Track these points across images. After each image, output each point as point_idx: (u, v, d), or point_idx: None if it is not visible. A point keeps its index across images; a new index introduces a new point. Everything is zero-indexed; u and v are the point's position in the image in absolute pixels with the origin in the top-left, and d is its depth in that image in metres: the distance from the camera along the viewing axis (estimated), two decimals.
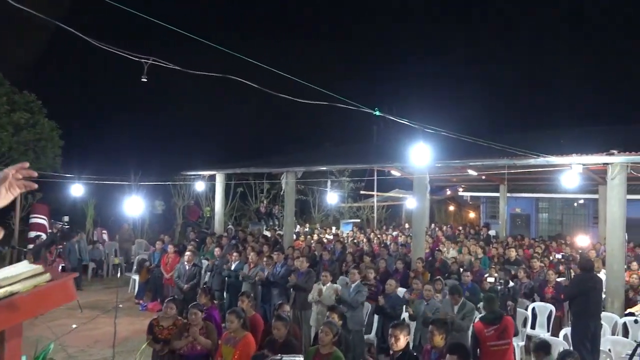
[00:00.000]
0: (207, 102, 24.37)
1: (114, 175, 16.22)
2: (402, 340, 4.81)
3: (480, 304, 8.89)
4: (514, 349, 6.39)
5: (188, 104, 24.27)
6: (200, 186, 18.05)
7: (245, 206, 22.07)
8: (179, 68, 4.54)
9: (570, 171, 9.53)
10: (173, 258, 11.65)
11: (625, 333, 8.66)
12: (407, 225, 21.33)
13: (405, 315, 8.18)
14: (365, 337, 8.62)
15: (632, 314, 7.51)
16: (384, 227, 22.83)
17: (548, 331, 9.15)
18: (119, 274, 15.21)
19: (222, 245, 12.75)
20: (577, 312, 6.87)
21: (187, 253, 10.43)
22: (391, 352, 4.86)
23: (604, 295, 9.00)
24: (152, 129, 24.49)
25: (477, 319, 6.03)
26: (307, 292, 8.79)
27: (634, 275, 9.84)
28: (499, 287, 6.73)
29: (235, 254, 10.69)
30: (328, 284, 8.52)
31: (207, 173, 17.45)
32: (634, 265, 11.66)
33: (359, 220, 23.90)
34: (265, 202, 21.15)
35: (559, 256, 10.49)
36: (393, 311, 7.67)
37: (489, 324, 5.80)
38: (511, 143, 11.51)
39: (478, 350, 5.87)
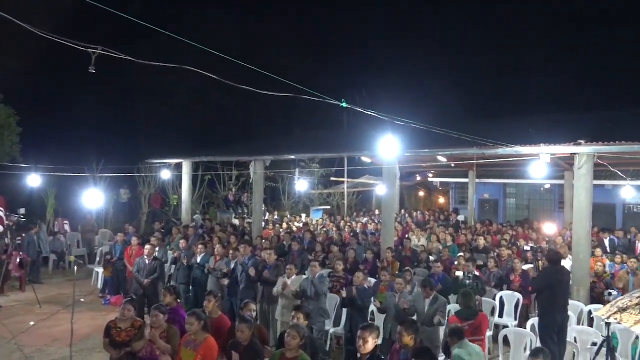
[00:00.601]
0: (171, 89, 23.68)
1: (76, 164, 15.60)
2: (371, 343, 4.66)
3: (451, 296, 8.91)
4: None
5: (153, 91, 23.52)
6: (166, 174, 17.57)
7: (214, 194, 21.66)
8: (129, 58, 4.22)
9: (539, 160, 9.51)
10: (137, 250, 11.29)
11: (591, 321, 8.79)
12: (377, 212, 21.30)
13: (373, 308, 8.08)
14: (333, 330, 8.52)
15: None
16: (355, 214, 22.77)
17: (516, 319, 9.21)
18: (75, 268, 14.66)
19: (188, 236, 12.43)
20: (544, 305, 6.87)
21: (147, 247, 10.08)
22: (359, 354, 4.71)
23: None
24: (116, 116, 23.68)
25: (452, 314, 5.94)
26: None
27: (599, 263, 9.97)
28: (467, 282, 6.66)
29: (200, 246, 10.38)
30: (293, 277, 8.34)
31: (173, 161, 16.99)
32: (598, 251, 11.84)
33: (329, 207, 23.77)
34: (234, 189, 20.77)
35: (527, 248, 10.54)
36: (362, 303, 7.53)
37: (464, 320, 5.73)
38: (481, 131, 11.45)
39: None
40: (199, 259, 10.14)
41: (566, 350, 6.83)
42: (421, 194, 29.05)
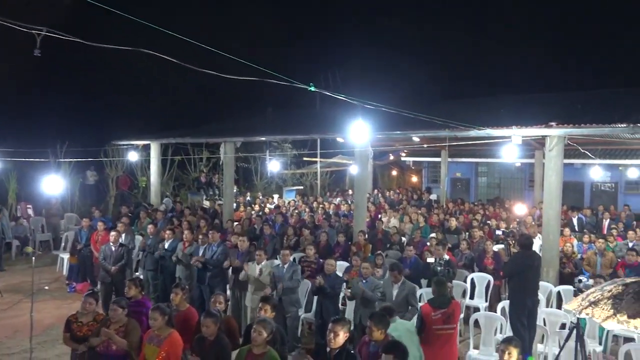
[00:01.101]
0: (138, 69, 22.89)
1: (38, 146, 15.02)
2: (342, 337, 4.55)
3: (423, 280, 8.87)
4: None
5: (119, 72, 22.72)
6: (133, 157, 17.09)
7: (184, 175, 21.22)
8: (77, 40, 3.91)
9: (510, 142, 9.48)
10: (103, 235, 10.94)
11: (560, 302, 8.90)
12: (350, 192, 21.23)
13: (343, 294, 7.99)
14: (304, 316, 8.41)
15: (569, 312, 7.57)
16: (328, 194, 22.66)
17: (486, 301, 9.27)
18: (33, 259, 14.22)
19: (156, 221, 12.10)
20: (514, 289, 6.88)
21: (113, 233, 9.75)
22: (328, 348, 4.59)
23: None
24: (80, 98, 22.83)
25: (424, 301, 5.87)
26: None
27: (568, 244, 10.09)
28: (438, 268, 6.60)
29: (168, 232, 10.09)
30: (263, 263, 8.16)
31: (140, 142, 16.52)
32: (567, 231, 11.98)
33: (302, 187, 23.58)
34: (205, 170, 20.36)
35: (499, 232, 10.59)
36: (332, 291, 7.43)
37: (436, 308, 5.65)
38: (454, 111, 11.36)
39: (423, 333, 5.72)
40: (166, 245, 9.87)
41: (536, 333, 6.86)
42: (394, 173, 29.09)
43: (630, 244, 10.74)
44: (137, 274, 10.97)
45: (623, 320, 3.27)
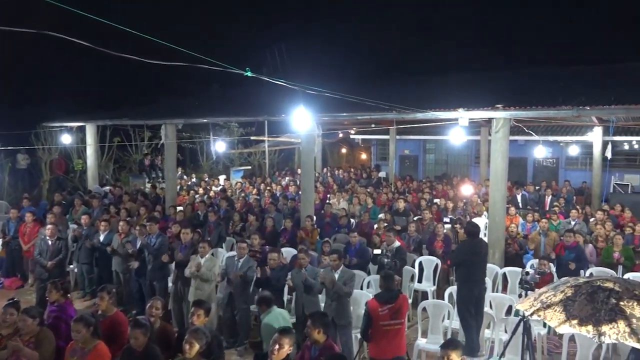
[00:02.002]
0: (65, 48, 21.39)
1: None
2: (286, 349, 4.25)
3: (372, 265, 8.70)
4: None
5: (49, 49, 21.18)
6: (66, 139, 16.05)
7: (125, 157, 20.24)
8: None
9: (457, 124, 9.37)
10: (32, 227, 10.21)
11: (505, 283, 8.96)
12: (299, 171, 20.90)
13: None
14: (252, 307, 8.08)
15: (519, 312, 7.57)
16: (277, 173, 22.24)
17: (434, 284, 9.24)
18: None
19: (90, 212, 11.37)
20: (462, 278, 6.79)
21: (49, 226, 9.06)
22: (269, 358, 4.27)
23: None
24: (5, 77, 21.19)
25: (371, 297, 5.64)
26: None
27: (512, 225, 10.16)
28: (385, 261, 6.38)
29: (103, 223, 9.48)
30: (207, 256, 7.74)
31: (74, 124, 15.52)
32: (512, 210, 12.13)
33: (250, 167, 23.04)
34: (147, 152, 19.45)
35: (446, 220, 10.56)
36: (277, 283, 7.12)
37: (383, 303, 5.43)
38: (402, 91, 11.18)
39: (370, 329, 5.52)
40: (101, 238, 9.26)
41: (483, 320, 6.82)
42: (344, 150, 28.95)
43: (573, 222, 10.97)
44: (71, 266, 10.33)
45: (575, 324, 3.12)
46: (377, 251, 7.08)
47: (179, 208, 12.81)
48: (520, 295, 6.12)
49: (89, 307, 8.90)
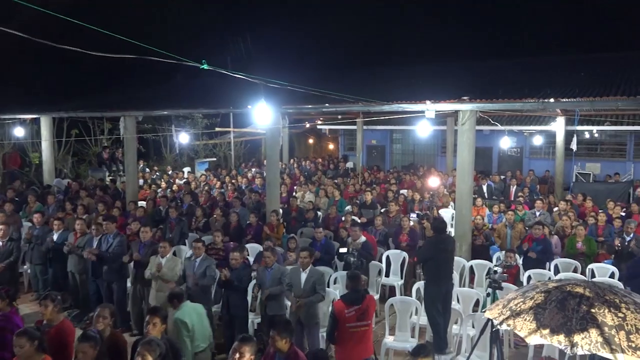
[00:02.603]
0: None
1: None
2: (247, 357, 4.03)
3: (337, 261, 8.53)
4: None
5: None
6: (20, 132, 15.33)
7: (84, 150, 19.50)
8: None
9: (424, 116, 9.23)
10: None
11: (472, 276, 8.94)
12: (266, 162, 20.57)
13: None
14: (215, 309, 7.81)
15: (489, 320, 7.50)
16: (243, 165, 21.86)
17: (402, 278, 9.15)
18: None
19: (45, 209, 10.85)
20: (429, 275, 6.68)
21: (1, 227, 8.56)
22: None
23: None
24: None
25: (337, 298, 5.45)
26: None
27: (479, 216, 10.14)
28: (352, 260, 6.20)
29: (57, 222, 9.01)
30: (169, 255, 7.42)
31: (28, 116, 14.80)
32: (479, 201, 12.15)
33: (215, 159, 22.57)
34: (106, 143, 18.78)
35: (414, 216, 10.46)
36: (240, 284, 6.86)
37: (350, 304, 5.25)
38: (368, 81, 10.97)
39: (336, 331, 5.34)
40: (55, 237, 8.81)
41: (450, 316, 6.74)
42: (311, 141, 28.70)
43: (537, 213, 11.05)
44: (24, 267, 9.85)
45: (546, 334, 2.99)
46: (342, 250, 6.88)
47: (141, 203, 12.40)
48: (488, 295, 6.02)
49: None
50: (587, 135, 19.59)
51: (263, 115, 6.66)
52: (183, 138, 19.49)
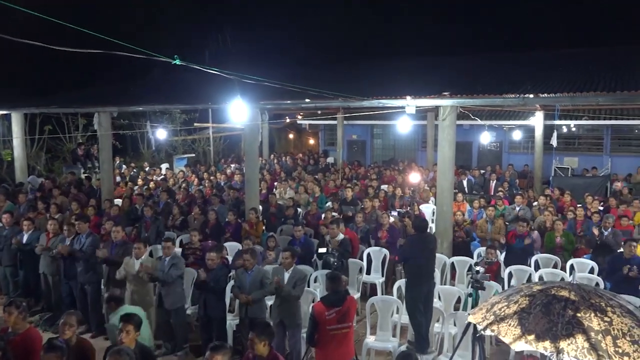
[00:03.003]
0: None
1: None
2: None
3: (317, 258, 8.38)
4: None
5: None
6: None
7: (58, 146, 19.01)
8: None
9: (404, 111, 9.14)
10: None
11: (453, 272, 8.89)
12: (245, 159, 20.31)
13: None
14: (191, 310, 7.63)
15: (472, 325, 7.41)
16: (222, 161, 21.56)
17: (383, 276, 9.06)
18: None
19: (15, 208, 10.49)
20: (410, 274, 6.57)
21: None
22: None
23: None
24: None
25: (317, 300, 5.31)
26: None
27: (459, 212, 10.10)
28: (332, 260, 6.04)
29: (26, 222, 8.70)
30: (144, 256, 7.20)
31: None
32: (459, 196, 12.13)
33: (194, 155, 22.22)
34: (80, 139, 18.32)
35: (394, 213, 10.36)
36: (217, 285, 6.68)
37: (330, 306, 5.12)
38: (349, 76, 10.82)
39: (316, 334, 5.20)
40: (25, 238, 8.51)
41: (432, 315, 6.65)
42: (291, 136, 28.48)
43: (517, 208, 11.06)
44: None
45: (531, 340, 2.90)
46: (322, 250, 6.72)
47: (117, 201, 12.11)
48: (470, 295, 5.95)
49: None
50: (564, 130, 19.76)
51: (239, 111, 6.47)
52: (160, 134, 19.09)
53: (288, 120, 24.73)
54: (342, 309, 5.15)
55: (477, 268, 5.43)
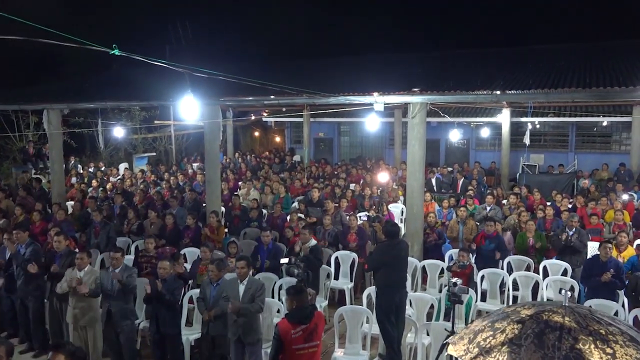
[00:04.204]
0: None
1: None
2: None
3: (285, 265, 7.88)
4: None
5: None
6: None
7: (7, 145, 17.91)
8: None
9: (372, 108, 8.72)
10: None
11: (425, 276, 8.54)
12: (205, 159, 19.58)
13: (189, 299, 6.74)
14: (143, 325, 7.02)
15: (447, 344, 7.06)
16: (185, 160, 20.78)
17: (351, 281, 8.64)
18: None
19: None
20: (381, 283, 6.14)
21: None
22: None
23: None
24: None
25: (282, 317, 4.78)
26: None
27: (431, 214, 9.75)
28: (296, 272, 5.54)
29: None
30: (87, 268, 6.54)
31: None
32: (427, 196, 11.79)
33: (155, 154, 21.34)
34: (31, 138, 17.29)
35: (364, 218, 9.93)
36: (171, 297, 6.10)
37: (296, 324, 4.61)
38: (316, 72, 10.34)
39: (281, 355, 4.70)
40: None
41: (404, 326, 6.26)
42: (256, 134, 27.82)
43: (488, 208, 10.79)
44: None
45: None
46: (284, 260, 6.21)
47: (70, 203, 11.35)
48: (447, 308, 5.55)
49: None
50: (530, 127, 19.77)
51: (190, 108, 5.90)
52: (118, 132, 18.17)
53: (253, 118, 24.11)
54: (310, 327, 4.67)
55: (454, 280, 5.02)
